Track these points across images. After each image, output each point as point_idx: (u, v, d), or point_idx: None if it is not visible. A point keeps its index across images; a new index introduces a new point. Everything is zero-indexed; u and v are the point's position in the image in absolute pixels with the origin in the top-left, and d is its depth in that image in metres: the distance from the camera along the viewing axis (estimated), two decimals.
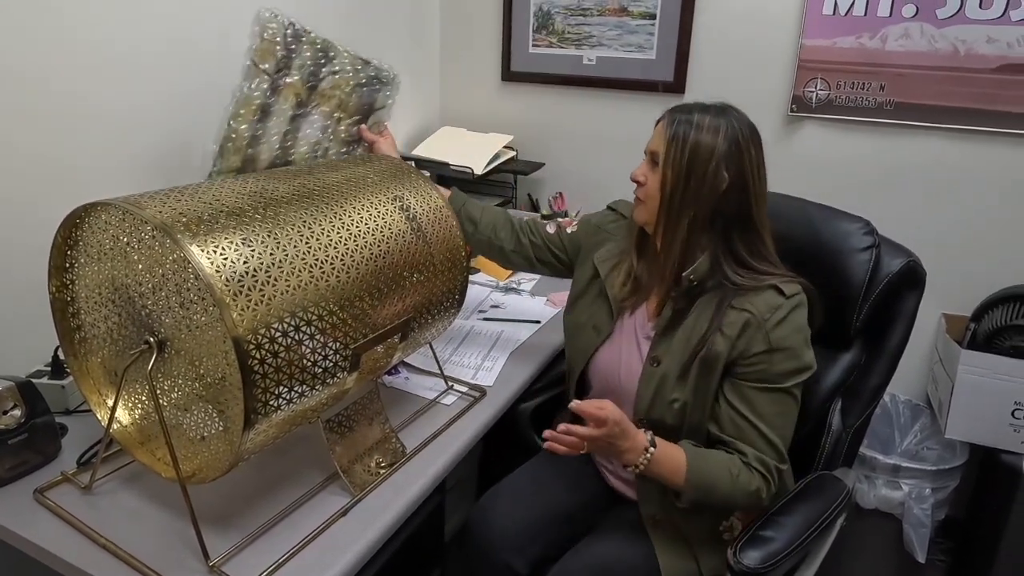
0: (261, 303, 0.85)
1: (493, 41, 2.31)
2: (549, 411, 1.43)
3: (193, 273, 0.84)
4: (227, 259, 0.84)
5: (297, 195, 1.01)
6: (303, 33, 1.24)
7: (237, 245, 0.86)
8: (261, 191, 0.98)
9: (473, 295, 1.78)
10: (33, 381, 1.12)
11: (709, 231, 1.10)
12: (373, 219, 1.06)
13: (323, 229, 0.97)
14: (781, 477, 1.09)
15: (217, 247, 0.84)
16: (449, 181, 2.13)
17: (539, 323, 1.64)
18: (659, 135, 1.11)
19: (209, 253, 0.83)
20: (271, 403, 0.87)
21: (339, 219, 1.01)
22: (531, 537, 1.19)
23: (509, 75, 2.31)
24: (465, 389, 1.35)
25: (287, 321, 0.88)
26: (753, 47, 1.94)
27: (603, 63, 2.16)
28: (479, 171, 2.07)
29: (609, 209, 1.35)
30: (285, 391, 0.89)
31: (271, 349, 0.85)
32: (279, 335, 0.87)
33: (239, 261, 0.85)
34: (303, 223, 0.96)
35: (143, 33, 1.37)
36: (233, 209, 0.91)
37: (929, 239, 1.79)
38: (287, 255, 0.90)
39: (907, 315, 1.25)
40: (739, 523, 1.16)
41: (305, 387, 0.92)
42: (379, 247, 1.05)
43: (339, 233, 0.99)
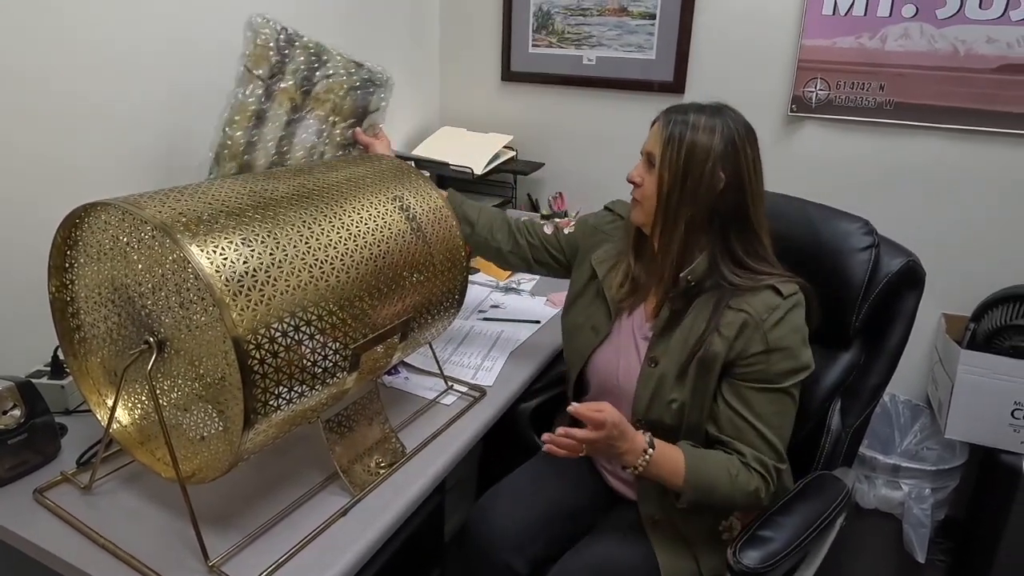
0: (261, 303, 0.85)
1: (493, 41, 2.31)
2: (549, 411, 1.43)
3: (193, 273, 0.85)
4: (227, 259, 0.84)
5: (297, 195, 1.01)
6: (296, 37, 1.24)
7: (237, 245, 0.86)
8: (261, 191, 0.98)
9: (473, 295, 1.78)
10: (33, 381, 1.12)
11: (706, 231, 1.10)
12: (373, 219, 1.06)
13: (323, 229, 0.97)
14: (780, 477, 1.09)
15: (217, 247, 0.84)
16: (449, 181, 2.13)
17: (539, 323, 1.64)
18: (655, 136, 1.11)
19: (209, 253, 0.83)
20: (271, 403, 0.87)
21: (339, 219, 1.01)
22: (531, 537, 1.19)
23: (509, 75, 2.31)
24: (465, 389, 1.35)
25: (287, 321, 0.88)
26: (753, 47, 1.94)
27: (603, 63, 2.16)
28: (479, 171, 2.07)
29: (606, 210, 1.35)
30: (285, 391, 0.89)
31: (271, 349, 0.86)
32: (279, 335, 0.87)
33: (239, 261, 0.85)
34: (303, 223, 0.96)
35: (143, 33, 1.37)
36: (233, 209, 0.91)
37: (929, 239, 1.80)
38: (287, 255, 0.90)
39: (906, 315, 1.25)
40: (738, 523, 1.16)
41: (305, 387, 0.92)
42: (379, 247, 1.05)
43: (339, 233, 0.99)
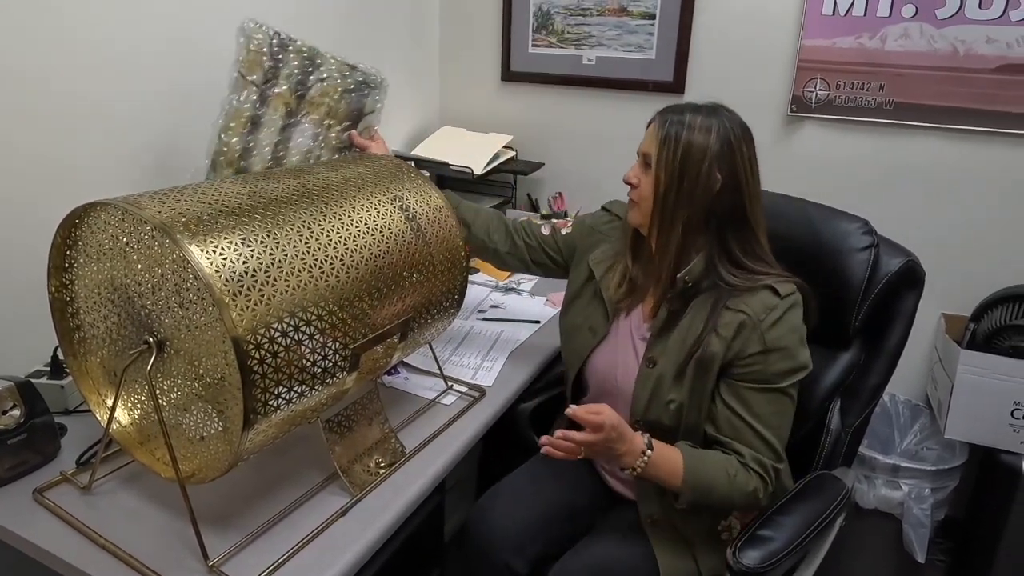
0: (260, 303, 0.85)
1: (493, 41, 2.31)
2: (549, 411, 1.43)
3: (192, 273, 0.85)
4: (226, 259, 0.84)
5: (296, 195, 1.01)
6: (289, 42, 1.24)
7: (236, 245, 0.86)
8: (260, 191, 0.98)
9: (473, 295, 1.78)
10: (32, 381, 1.12)
11: (703, 232, 1.10)
12: (372, 219, 1.06)
13: (322, 229, 0.97)
14: (778, 476, 1.09)
15: (216, 247, 0.84)
16: (449, 181, 2.13)
17: (539, 323, 1.64)
18: (651, 136, 1.11)
19: (208, 253, 0.83)
20: (270, 403, 0.87)
21: (338, 219, 1.01)
22: (530, 537, 1.19)
23: (509, 75, 2.31)
24: (465, 389, 1.35)
25: (286, 321, 0.88)
26: (753, 47, 1.94)
27: (603, 63, 2.16)
28: (479, 171, 2.06)
29: (603, 210, 1.35)
30: (284, 391, 0.89)
31: (270, 349, 0.86)
32: (278, 335, 0.87)
33: (238, 261, 0.85)
34: (302, 223, 0.96)
35: (143, 33, 1.37)
36: (232, 209, 0.91)
37: (928, 239, 1.80)
38: (286, 255, 0.90)
39: (906, 315, 1.25)
40: (737, 523, 1.16)
41: (304, 387, 0.92)
42: (378, 247, 1.05)
43: (338, 233, 0.99)
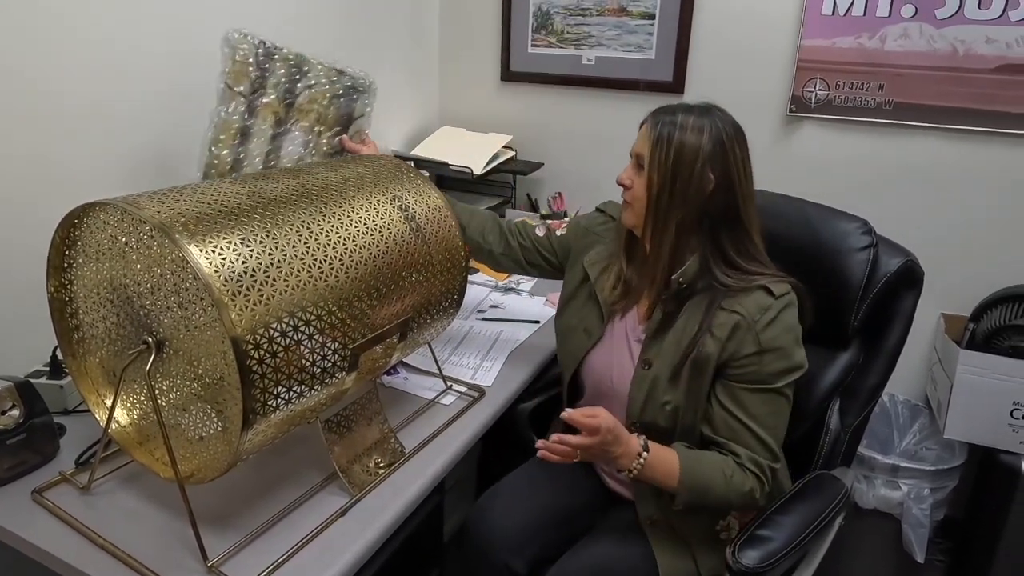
0: (259, 303, 0.85)
1: (492, 41, 2.31)
2: (548, 411, 1.43)
3: (191, 273, 0.85)
4: (225, 259, 0.84)
5: (296, 195, 1.01)
6: (275, 50, 1.24)
7: (236, 245, 0.86)
8: (259, 191, 0.98)
9: (472, 295, 1.78)
10: (31, 381, 1.12)
11: (697, 232, 1.09)
12: (372, 219, 1.06)
13: (322, 229, 0.97)
14: (775, 476, 1.10)
15: (215, 247, 0.84)
16: (448, 181, 2.13)
17: (538, 323, 1.64)
18: (643, 137, 1.11)
19: (207, 253, 0.83)
20: (270, 403, 0.87)
21: (338, 219, 1.01)
22: (530, 537, 1.19)
23: (508, 75, 2.31)
24: (464, 389, 1.35)
25: (285, 321, 0.88)
26: (752, 47, 1.94)
27: (602, 63, 2.16)
28: (478, 171, 2.07)
29: (598, 211, 1.35)
30: (284, 391, 0.89)
31: (269, 349, 0.86)
32: (277, 335, 0.87)
33: (237, 261, 0.85)
34: (302, 223, 0.96)
35: (143, 33, 1.37)
36: (232, 209, 0.91)
37: (928, 239, 1.80)
38: (286, 255, 0.90)
39: (905, 314, 1.25)
40: (736, 522, 1.16)
41: (304, 387, 0.92)
42: (378, 247, 1.05)
43: (338, 233, 0.99)
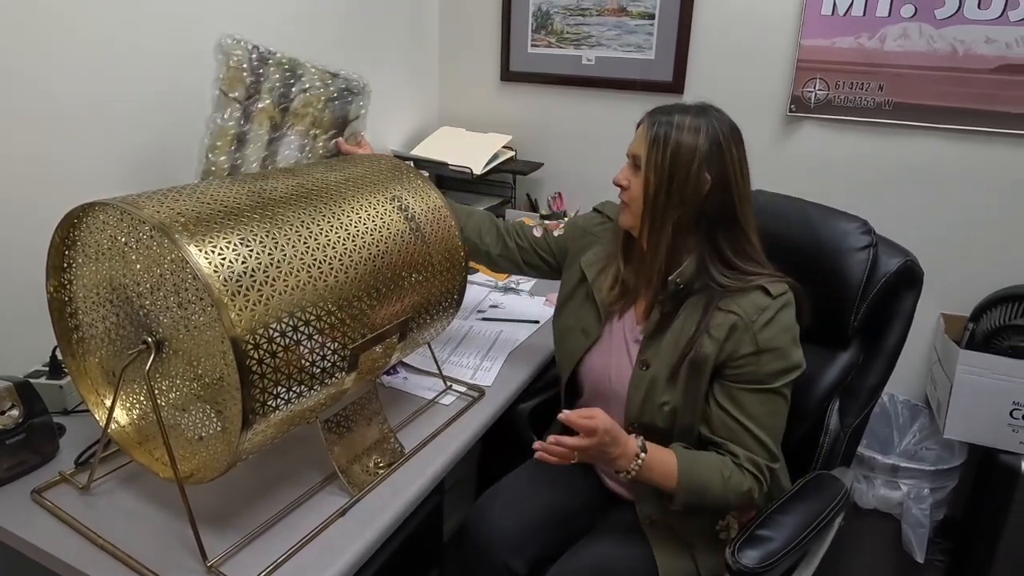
0: (259, 303, 0.85)
1: (492, 41, 2.31)
2: (548, 411, 1.43)
3: (191, 273, 0.85)
4: (225, 259, 0.84)
5: (295, 195, 1.01)
6: (268, 55, 1.24)
7: (235, 245, 0.86)
8: (259, 191, 0.98)
9: (472, 295, 1.78)
10: (31, 381, 1.12)
11: (694, 233, 1.09)
12: (371, 219, 1.06)
13: (321, 229, 0.97)
14: (773, 476, 1.10)
15: (215, 247, 0.84)
16: (448, 181, 2.13)
17: (538, 323, 1.64)
18: (640, 138, 1.11)
19: (207, 253, 0.83)
20: (269, 403, 0.87)
21: (337, 219, 1.01)
22: (529, 537, 1.19)
23: (508, 75, 2.31)
24: (464, 389, 1.35)
25: (285, 321, 0.88)
26: (752, 47, 1.94)
27: (602, 63, 2.16)
28: (478, 171, 2.06)
29: (595, 211, 1.35)
30: (283, 391, 0.89)
31: (269, 349, 0.85)
32: (277, 335, 0.87)
33: (237, 261, 0.85)
34: (301, 223, 0.96)
35: (143, 33, 1.37)
36: (231, 209, 0.91)
37: (928, 239, 1.80)
38: (285, 255, 0.90)
39: (905, 314, 1.25)
40: (736, 522, 1.16)
41: (303, 387, 0.92)
42: (377, 247, 1.05)
43: (337, 233, 0.99)
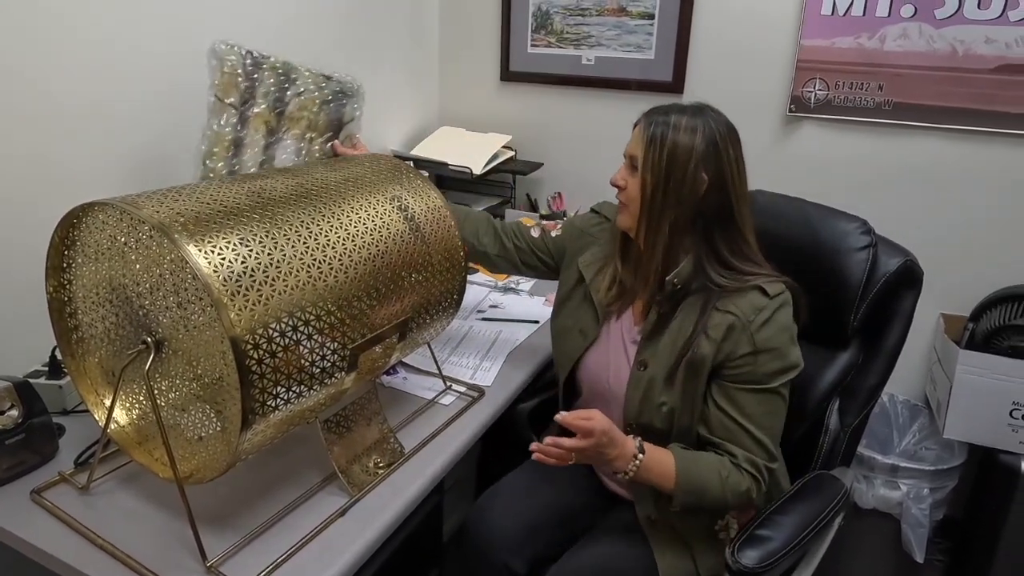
0: (259, 303, 0.85)
1: (492, 41, 2.31)
2: (548, 411, 1.43)
3: (190, 273, 0.84)
4: (224, 259, 0.84)
5: (295, 195, 1.01)
6: (262, 60, 1.24)
7: (235, 245, 0.86)
8: (259, 191, 0.98)
9: (472, 295, 1.78)
10: (30, 381, 1.12)
11: (691, 233, 1.09)
12: (371, 219, 1.06)
13: (321, 229, 0.97)
14: (772, 476, 1.09)
15: (215, 247, 0.84)
16: (448, 181, 2.13)
17: (538, 323, 1.64)
18: (637, 138, 1.11)
19: (207, 253, 0.83)
20: (269, 403, 0.87)
21: (337, 219, 1.01)
22: (529, 537, 1.19)
23: (508, 75, 2.31)
24: (463, 389, 1.35)
25: (285, 321, 0.88)
26: (752, 47, 1.94)
27: (602, 63, 2.16)
28: (478, 171, 2.06)
29: (592, 212, 1.35)
30: (283, 391, 0.89)
31: (269, 349, 0.85)
32: (277, 335, 0.87)
33: (236, 261, 0.85)
34: (301, 223, 0.96)
35: (143, 33, 1.37)
36: (231, 209, 0.91)
37: (927, 239, 1.80)
38: (285, 255, 0.90)
39: (904, 314, 1.25)
40: (735, 522, 1.16)
41: (303, 387, 0.92)
42: (377, 247, 1.05)
43: (337, 233, 0.99)
